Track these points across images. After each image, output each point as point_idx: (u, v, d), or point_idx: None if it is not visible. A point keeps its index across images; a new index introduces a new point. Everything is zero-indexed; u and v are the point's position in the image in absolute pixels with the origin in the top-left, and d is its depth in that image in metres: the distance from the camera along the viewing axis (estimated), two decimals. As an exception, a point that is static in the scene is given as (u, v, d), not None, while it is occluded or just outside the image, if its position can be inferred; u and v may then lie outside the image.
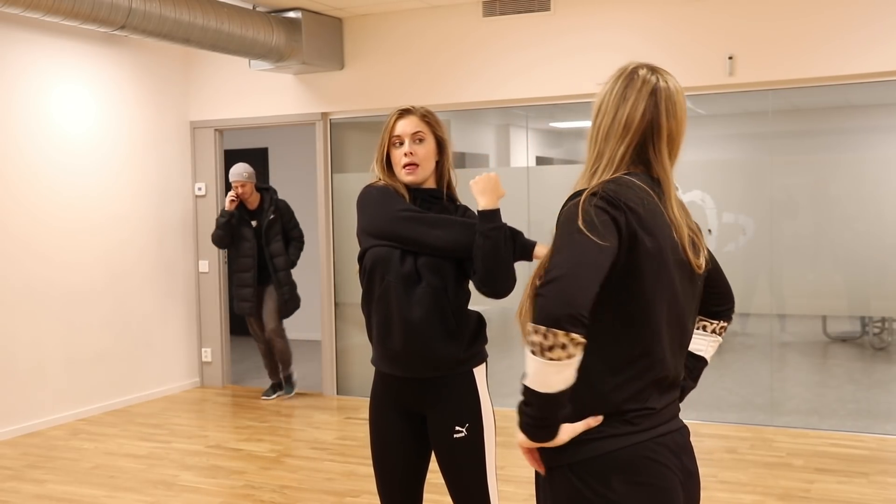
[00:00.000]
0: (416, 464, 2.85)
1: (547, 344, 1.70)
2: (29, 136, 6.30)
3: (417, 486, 2.87)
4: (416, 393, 2.78)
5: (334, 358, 7.30)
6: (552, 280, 1.72)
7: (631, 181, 1.87)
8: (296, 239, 7.08)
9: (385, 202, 2.75)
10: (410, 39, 6.81)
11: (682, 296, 1.91)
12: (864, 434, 5.79)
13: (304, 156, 8.56)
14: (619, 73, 1.97)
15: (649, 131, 1.91)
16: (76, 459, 5.59)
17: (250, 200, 6.91)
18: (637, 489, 1.83)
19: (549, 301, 1.71)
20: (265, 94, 7.32)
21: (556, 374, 1.73)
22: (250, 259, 6.85)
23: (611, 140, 1.91)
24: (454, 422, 2.73)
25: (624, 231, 1.80)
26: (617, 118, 1.91)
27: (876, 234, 5.95)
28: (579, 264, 1.73)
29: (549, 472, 1.90)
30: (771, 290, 6.18)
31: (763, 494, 4.67)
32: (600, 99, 1.96)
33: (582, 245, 1.75)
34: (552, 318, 1.69)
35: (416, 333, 2.68)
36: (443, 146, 2.85)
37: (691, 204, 6.22)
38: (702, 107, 6.82)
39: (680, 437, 1.93)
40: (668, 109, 1.93)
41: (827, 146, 7.08)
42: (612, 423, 1.84)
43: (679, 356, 1.94)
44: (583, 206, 1.80)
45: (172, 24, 5.67)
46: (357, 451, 5.65)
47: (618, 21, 6.17)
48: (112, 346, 6.92)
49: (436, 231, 2.67)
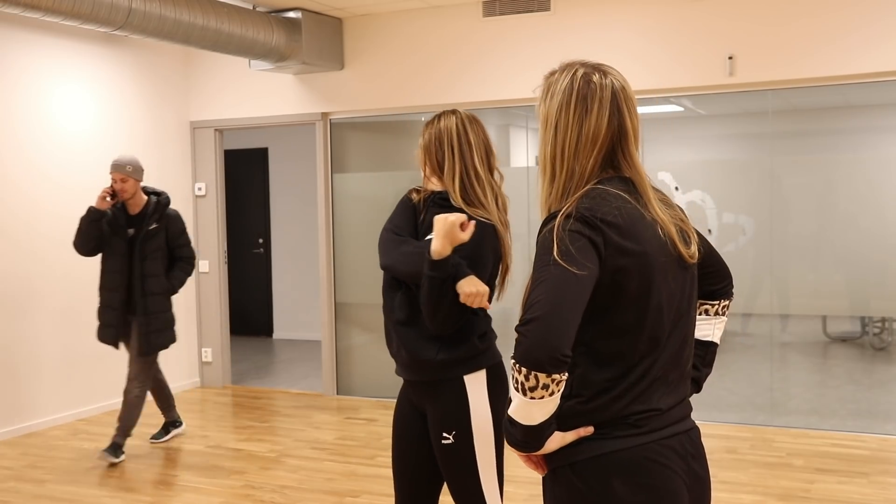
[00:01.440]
0: (431, 464, 2.87)
1: (529, 385, 1.71)
2: (29, 135, 6.30)
3: (431, 486, 2.90)
4: (419, 395, 2.84)
5: (334, 358, 7.30)
6: (532, 320, 1.71)
7: (605, 191, 1.84)
8: (183, 259, 5.64)
9: (391, 215, 2.91)
10: (410, 39, 6.81)
11: (677, 291, 1.89)
12: (864, 434, 5.78)
13: (304, 156, 8.57)
14: (565, 81, 1.90)
15: (617, 137, 1.89)
16: (76, 459, 5.59)
17: (132, 203, 5.51)
18: (638, 490, 1.81)
19: (530, 343, 1.70)
20: (265, 94, 7.32)
21: (539, 410, 1.76)
22: (119, 276, 5.46)
23: (580, 156, 1.87)
24: (441, 428, 2.76)
25: (603, 250, 1.78)
26: (584, 133, 1.87)
27: (876, 234, 5.95)
28: (558, 302, 1.71)
29: (551, 471, 1.90)
30: (771, 291, 6.18)
31: (763, 494, 4.67)
32: (554, 114, 1.89)
33: (558, 279, 1.73)
34: (533, 360, 1.69)
35: (400, 337, 2.78)
36: (424, 146, 2.88)
37: (691, 204, 6.22)
38: (702, 107, 6.82)
39: (688, 439, 1.90)
40: (630, 109, 1.90)
41: (827, 146, 7.09)
42: (616, 425, 1.83)
43: (682, 350, 1.92)
44: (557, 232, 1.77)
45: (172, 24, 5.67)
46: (357, 451, 5.64)
47: (618, 21, 6.17)
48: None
49: (395, 254, 2.77)
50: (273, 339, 10.26)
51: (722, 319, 2.15)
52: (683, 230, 1.94)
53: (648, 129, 6.80)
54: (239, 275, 9.87)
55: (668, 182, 6.29)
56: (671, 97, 6.50)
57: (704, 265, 2.05)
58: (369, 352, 7.30)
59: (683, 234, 1.92)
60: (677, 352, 1.90)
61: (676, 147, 7.25)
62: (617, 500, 1.81)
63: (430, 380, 2.77)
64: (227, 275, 7.79)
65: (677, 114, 7.07)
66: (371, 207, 7.19)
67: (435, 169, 2.86)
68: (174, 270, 5.60)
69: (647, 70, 6.05)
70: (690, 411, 1.96)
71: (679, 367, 1.92)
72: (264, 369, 8.48)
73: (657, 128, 6.96)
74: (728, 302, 2.16)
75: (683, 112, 7.01)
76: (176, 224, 5.59)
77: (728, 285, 2.15)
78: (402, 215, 2.87)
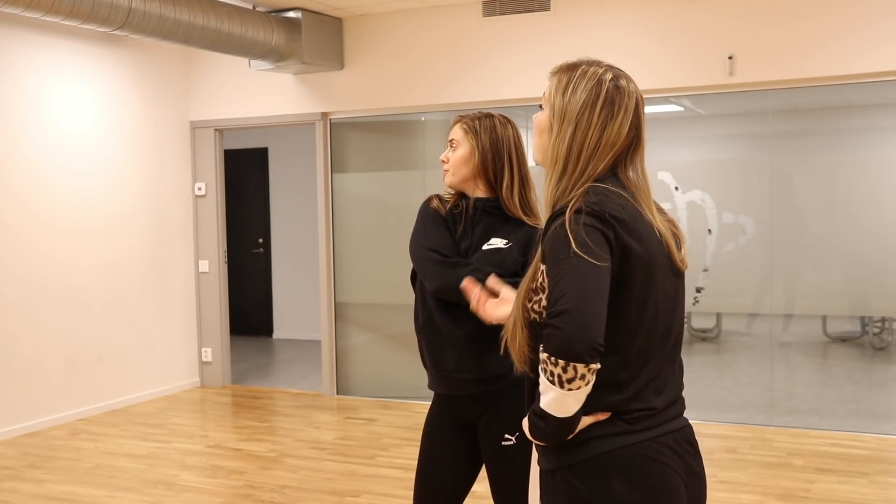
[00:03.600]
0: (462, 482, 2.82)
1: (567, 376, 1.72)
2: (29, 135, 6.30)
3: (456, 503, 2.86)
4: (469, 406, 2.75)
5: (334, 358, 7.30)
6: (563, 312, 1.71)
7: (607, 189, 1.86)
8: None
9: (421, 232, 2.79)
10: (410, 39, 6.81)
11: (671, 291, 1.91)
12: (864, 434, 5.79)
13: (304, 156, 8.57)
14: (593, 80, 1.90)
15: (632, 143, 1.93)
16: (76, 459, 5.59)
17: None
18: (637, 489, 1.83)
19: (565, 334, 1.70)
20: (265, 94, 7.32)
21: (574, 400, 1.76)
22: None
23: (597, 157, 1.88)
24: (505, 430, 2.68)
25: (615, 244, 1.79)
26: (605, 136, 1.88)
27: (876, 234, 5.95)
28: (587, 292, 1.73)
29: (549, 473, 1.91)
30: (771, 290, 6.18)
31: (763, 494, 4.67)
32: (577, 110, 1.89)
33: (583, 271, 1.74)
34: (572, 352, 1.70)
35: (467, 353, 2.68)
36: (480, 153, 2.75)
37: (691, 204, 6.23)
38: (702, 107, 6.81)
39: (683, 436, 1.92)
40: (644, 119, 1.94)
41: (827, 146, 7.07)
42: (613, 421, 1.84)
43: (675, 350, 1.95)
44: (570, 226, 1.78)
45: (172, 24, 5.67)
46: (357, 451, 5.65)
47: (618, 21, 6.17)
48: (112, 346, 6.92)
49: (451, 278, 2.64)
50: (273, 339, 10.26)
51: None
52: (676, 235, 1.96)
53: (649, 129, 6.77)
54: (239, 275, 9.87)
55: (668, 182, 6.29)
56: (671, 97, 6.50)
57: None
58: (369, 352, 7.30)
59: (677, 241, 1.95)
60: (670, 352, 1.93)
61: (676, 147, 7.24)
62: (616, 498, 1.82)
63: (488, 390, 2.70)
64: (227, 275, 7.79)
65: (677, 114, 7.07)
66: (371, 207, 7.20)
67: (488, 177, 2.75)
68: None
69: (647, 70, 6.04)
70: (684, 409, 1.98)
71: (672, 366, 1.94)
72: (264, 369, 8.48)
73: (657, 128, 6.94)
74: None
75: (683, 112, 7.00)
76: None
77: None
78: (436, 231, 2.76)
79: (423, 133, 7.13)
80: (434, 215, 2.80)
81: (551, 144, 1.93)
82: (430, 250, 2.73)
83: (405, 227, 3.13)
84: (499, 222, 2.73)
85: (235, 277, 9.30)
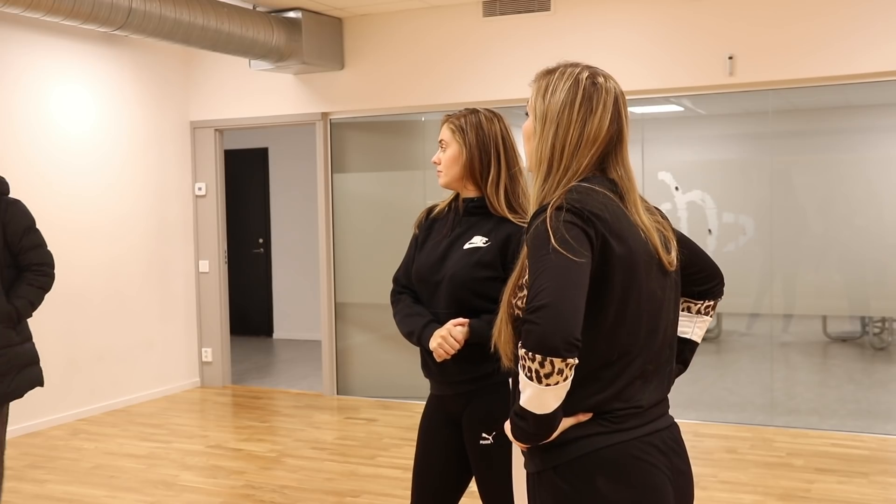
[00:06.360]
0: (457, 479, 2.82)
1: (544, 371, 1.72)
2: (29, 135, 6.30)
3: (452, 499, 2.85)
4: (458, 402, 2.76)
5: (334, 358, 7.30)
6: (541, 307, 1.72)
7: (590, 188, 1.87)
8: (32, 269, 3.83)
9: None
10: (410, 39, 6.81)
11: (658, 290, 1.90)
12: (864, 434, 5.79)
13: (304, 156, 8.57)
14: (569, 80, 1.93)
15: (614, 140, 1.93)
16: (76, 459, 5.59)
17: None
18: (623, 488, 1.83)
19: (542, 329, 1.70)
20: (265, 94, 7.32)
21: (553, 396, 1.76)
22: None
23: (579, 154, 1.90)
24: (481, 428, 2.69)
25: (595, 241, 1.80)
26: (586, 132, 1.89)
27: (876, 234, 5.95)
28: (565, 287, 1.73)
29: (535, 476, 1.91)
30: (771, 291, 6.18)
31: (763, 494, 4.67)
32: (556, 111, 1.91)
33: (561, 266, 1.74)
34: (549, 346, 1.70)
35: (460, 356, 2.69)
36: (468, 151, 2.75)
37: (691, 204, 6.23)
38: (702, 107, 6.81)
39: (669, 435, 1.93)
40: (626, 116, 1.95)
41: (827, 146, 7.07)
42: (598, 420, 1.84)
43: (662, 350, 1.94)
44: (551, 222, 1.79)
45: (172, 24, 5.67)
46: (357, 451, 5.65)
47: (618, 21, 6.17)
48: (112, 346, 6.92)
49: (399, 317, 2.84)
50: (273, 339, 10.27)
51: (704, 319, 2.16)
52: (665, 236, 1.96)
53: (648, 129, 6.81)
54: (239, 275, 9.87)
55: (668, 182, 6.29)
56: (671, 97, 6.50)
57: (690, 267, 2.07)
58: (369, 352, 7.30)
59: (664, 240, 1.94)
60: (657, 351, 1.92)
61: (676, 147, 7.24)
62: (602, 498, 1.82)
63: (471, 389, 2.71)
64: (227, 275, 7.79)
65: (677, 114, 7.06)
66: (371, 207, 7.20)
67: (475, 175, 2.74)
68: (21, 284, 3.80)
69: (647, 70, 6.05)
70: (668, 409, 1.98)
71: (659, 366, 1.93)
72: (264, 369, 8.48)
73: (657, 128, 6.95)
74: (714, 302, 2.17)
75: (683, 112, 7.00)
76: (20, 220, 3.78)
77: (718, 284, 2.16)
78: (406, 255, 2.90)
79: (423, 133, 7.13)
80: (414, 235, 2.90)
81: (535, 147, 1.95)
82: (394, 279, 2.91)
83: (405, 227, 3.14)
84: (482, 221, 2.74)
85: (235, 277, 9.30)
